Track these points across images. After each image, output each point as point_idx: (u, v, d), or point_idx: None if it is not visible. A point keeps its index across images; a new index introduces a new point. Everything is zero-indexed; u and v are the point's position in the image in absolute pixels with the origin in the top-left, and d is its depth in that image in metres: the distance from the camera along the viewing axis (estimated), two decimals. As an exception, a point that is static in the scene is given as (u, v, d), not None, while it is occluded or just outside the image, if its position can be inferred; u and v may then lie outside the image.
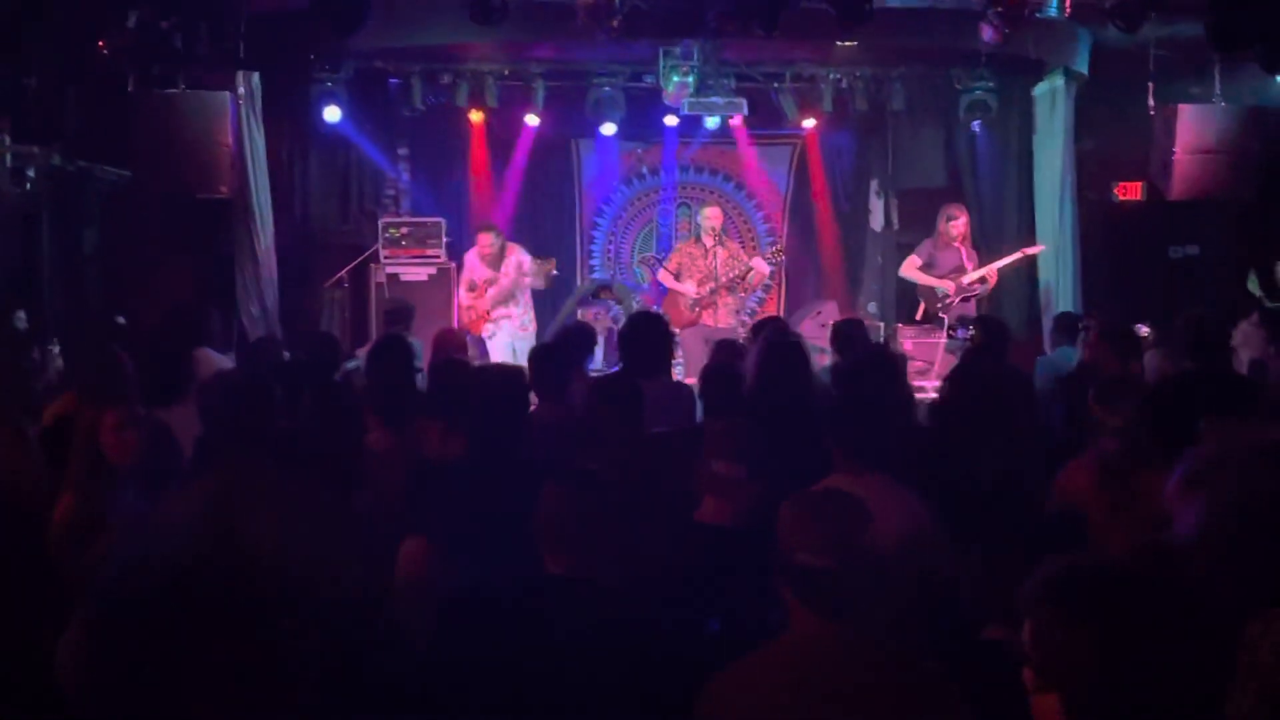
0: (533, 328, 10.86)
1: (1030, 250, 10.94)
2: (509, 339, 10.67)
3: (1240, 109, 10.46)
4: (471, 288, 10.84)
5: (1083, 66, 10.77)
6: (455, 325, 10.58)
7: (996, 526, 3.91)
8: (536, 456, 4.72)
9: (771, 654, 2.99)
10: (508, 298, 10.72)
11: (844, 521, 3.07)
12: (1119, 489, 4.05)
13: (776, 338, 6.25)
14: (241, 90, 9.90)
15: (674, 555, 3.91)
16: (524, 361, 7.02)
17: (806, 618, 2.97)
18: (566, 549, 3.37)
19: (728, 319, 10.86)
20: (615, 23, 8.53)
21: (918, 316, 11.16)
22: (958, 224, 10.69)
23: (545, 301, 12.40)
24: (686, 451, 4.55)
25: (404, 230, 11.92)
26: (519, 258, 10.77)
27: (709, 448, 4.09)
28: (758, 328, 7.64)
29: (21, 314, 8.60)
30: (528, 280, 10.89)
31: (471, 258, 10.89)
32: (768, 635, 3.06)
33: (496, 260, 10.70)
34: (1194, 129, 10.25)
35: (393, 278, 11.76)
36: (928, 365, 10.13)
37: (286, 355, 9.12)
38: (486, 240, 10.74)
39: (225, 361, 7.15)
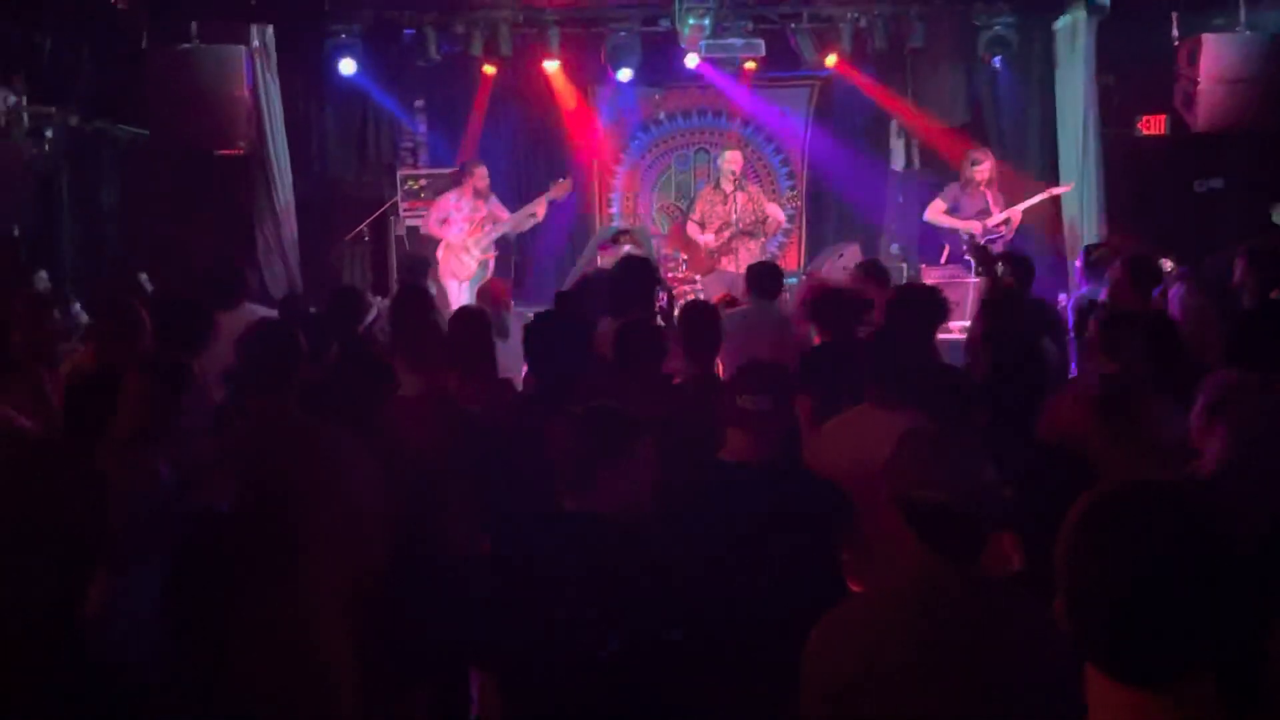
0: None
1: (1056, 190, 10.89)
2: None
3: (1266, 37, 10.30)
4: (445, 224, 10.59)
5: (1104, -2, 10.64)
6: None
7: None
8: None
9: (889, 596, 2.92)
10: (511, 231, 10.65)
11: (970, 459, 3.01)
12: (1121, 419, 4.01)
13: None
14: (255, 43, 9.85)
15: (698, 493, 3.91)
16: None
17: (928, 557, 2.89)
18: (579, 485, 3.36)
19: (747, 264, 10.82)
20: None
21: (943, 259, 11.11)
22: (982, 169, 10.62)
23: (565, 247, 12.38)
24: (705, 396, 4.58)
25: (422, 182, 11.90)
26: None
27: (735, 385, 4.08)
28: (751, 271, 7.62)
29: (43, 274, 8.60)
30: (537, 217, 10.72)
31: (459, 196, 10.64)
32: (803, 578, 3.02)
33: (488, 193, 10.61)
34: (1218, 59, 10.11)
35: (412, 230, 11.75)
36: (955, 305, 10.06)
37: (312, 310, 9.18)
38: (484, 171, 10.61)
39: (270, 315, 7.16)
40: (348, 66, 11.01)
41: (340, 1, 10.57)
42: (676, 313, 7.41)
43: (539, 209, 10.57)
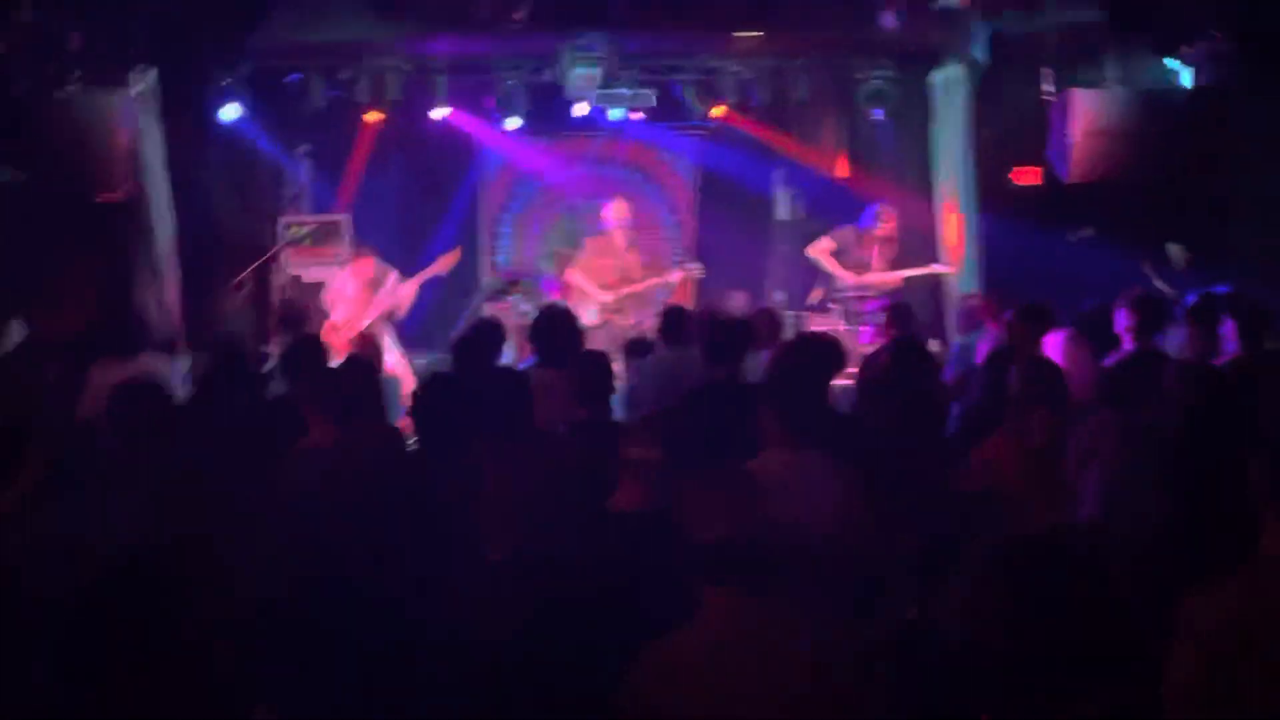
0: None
1: (937, 268, 11.18)
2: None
3: (1134, 93, 10.66)
4: (333, 305, 10.35)
5: (980, 54, 10.94)
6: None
7: (919, 506, 3.97)
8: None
9: (690, 635, 2.99)
10: (388, 318, 10.32)
11: (738, 494, 3.08)
12: (1040, 465, 4.14)
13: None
14: (137, 89, 9.68)
15: (586, 544, 3.91)
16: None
17: (718, 596, 2.96)
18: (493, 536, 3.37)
19: (634, 316, 10.90)
20: (519, 16, 8.48)
21: (812, 299, 11.31)
22: (883, 227, 10.87)
23: (451, 299, 12.32)
24: (600, 443, 4.59)
25: (306, 229, 11.76)
26: (402, 287, 10.36)
27: (627, 436, 4.11)
28: (662, 318, 7.65)
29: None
30: (402, 310, 10.44)
31: (345, 280, 10.44)
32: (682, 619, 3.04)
33: (374, 283, 10.30)
34: (1089, 113, 10.43)
35: (295, 278, 11.61)
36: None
37: (192, 359, 9.02)
38: (367, 264, 10.33)
39: (167, 363, 7.05)
40: (231, 112, 10.87)
41: (225, 47, 10.41)
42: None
43: (406, 290, 10.32)
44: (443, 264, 10.57)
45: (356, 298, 10.29)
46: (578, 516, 3.99)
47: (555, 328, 6.52)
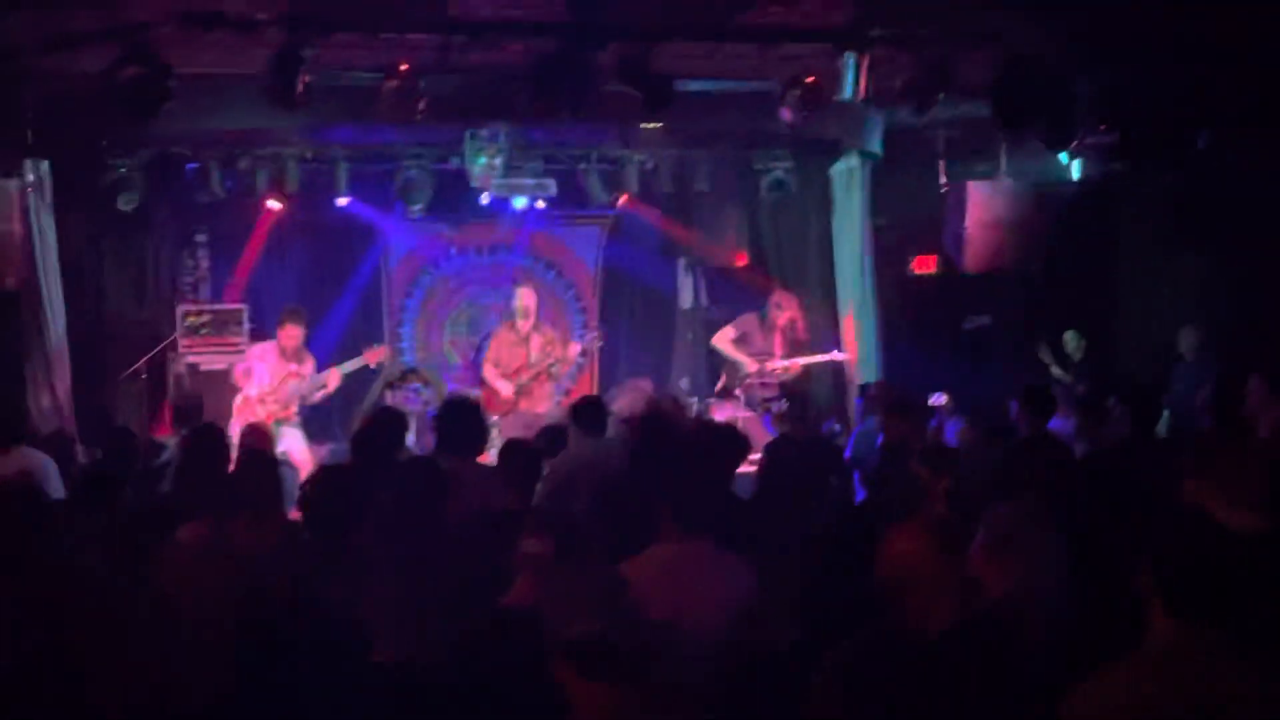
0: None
1: (837, 355, 11.33)
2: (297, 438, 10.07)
3: (1026, 185, 10.96)
4: (248, 375, 10.05)
5: (876, 146, 11.15)
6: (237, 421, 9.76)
7: (815, 593, 3.96)
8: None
9: None
10: (306, 395, 10.10)
11: (604, 587, 3.08)
12: (949, 554, 4.14)
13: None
14: (30, 178, 9.53)
15: (479, 641, 3.84)
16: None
17: (590, 690, 2.92)
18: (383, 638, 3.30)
19: (545, 403, 10.93)
20: (421, 105, 8.49)
21: (716, 388, 11.43)
22: (783, 314, 11.04)
23: (351, 387, 12.17)
24: (501, 534, 4.53)
25: (204, 318, 11.60)
26: (328, 376, 10.14)
27: (525, 529, 4.07)
28: (576, 408, 7.60)
29: None
30: (327, 389, 10.19)
31: (265, 350, 10.21)
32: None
33: (298, 354, 10.12)
34: (983, 205, 10.70)
35: (192, 367, 11.42)
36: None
37: (81, 451, 8.80)
38: (295, 332, 10.10)
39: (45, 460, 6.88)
40: (128, 201, 10.71)
41: (121, 136, 10.32)
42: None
43: (331, 380, 10.12)
44: (370, 357, 10.42)
45: (276, 367, 10.05)
46: (469, 615, 3.92)
47: (461, 417, 6.46)
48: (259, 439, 7.54)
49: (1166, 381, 10.15)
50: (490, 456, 8.89)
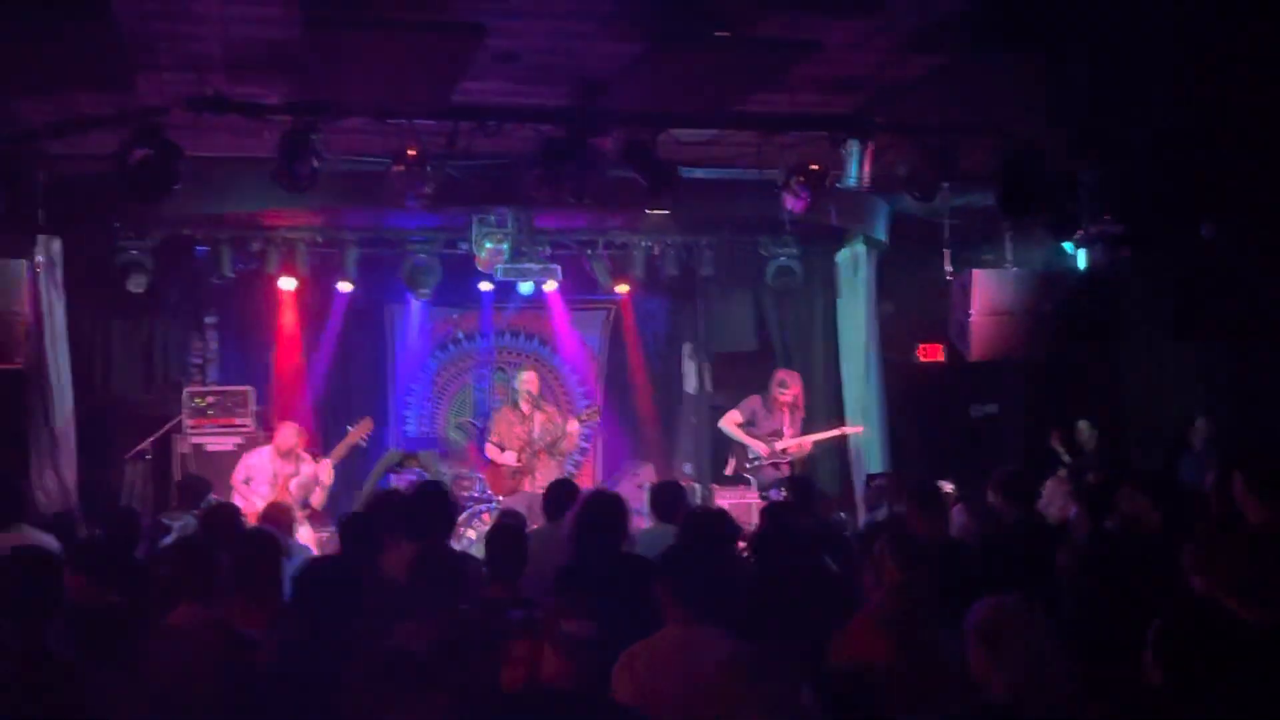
0: None
1: (848, 430, 11.32)
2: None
3: (1031, 273, 10.98)
4: (249, 483, 9.98)
5: (882, 234, 11.23)
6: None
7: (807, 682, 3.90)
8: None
9: None
10: (303, 497, 9.92)
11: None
12: (910, 647, 4.10)
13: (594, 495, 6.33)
14: (40, 258, 9.61)
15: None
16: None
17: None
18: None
19: (546, 483, 10.87)
20: (428, 191, 8.55)
21: (727, 471, 11.41)
22: (787, 394, 11.05)
23: (352, 470, 12.15)
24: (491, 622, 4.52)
25: (210, 399, 11.62)
26: (319, 468, 10.04)
27: (560, 607, 4.04)
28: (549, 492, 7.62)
29: None
30: (323, 483, 10.05)
31: (261, 455, 10.11)
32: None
33: (294, 455, 10.02)
34: (988, 293, 10.70)
35: (198, 448, 11.42)
36: (743, 525, 10.26)
37: (84, 531, 8.76)
38: (290, 433, 10.03)
39: (46, 539, 6.85)
40: (138, 283, 10.76)
41: (131, 217, 10.41)
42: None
43: (323, 473, 10.01)
44: (355, 434, 10.43)
45: (275, 471, 9.97)
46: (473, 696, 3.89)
47: (431, 504, 6.47)
48: (276, 521, 7.48)
49: (1173, 471, 10.10)
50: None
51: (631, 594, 4.71)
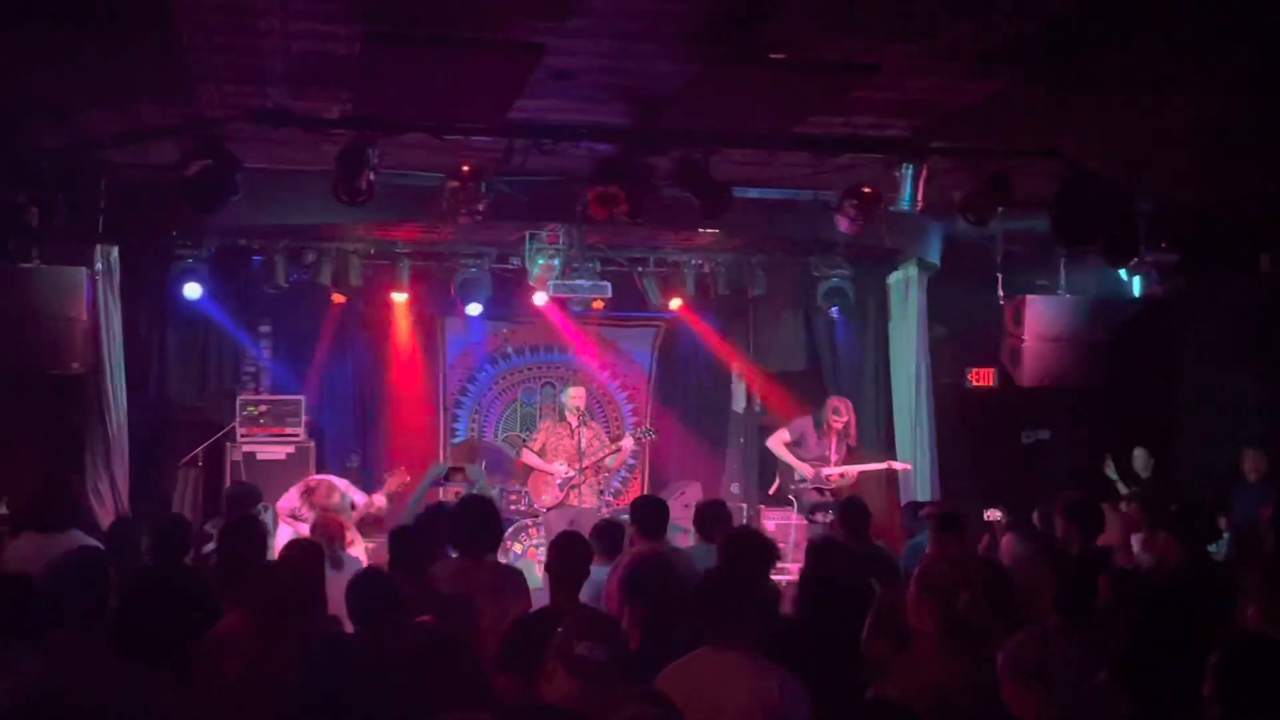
0: None
1: (895, 465, 11.26)
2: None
3: (1085, 299, 10.88)
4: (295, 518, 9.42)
5: (935, 257, 11.17)
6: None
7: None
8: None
9: None
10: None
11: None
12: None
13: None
14: (99, 266, 9.73)
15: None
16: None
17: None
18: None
19: (592, 499, 10.94)
20: (481, 207, 8.60)
21: (771, 491, 11.37)
22: (839, 419, 11.00)
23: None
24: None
25: (262, 408, 11.72)
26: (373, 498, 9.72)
27: (573, 629, 4.02)
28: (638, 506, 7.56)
29: None
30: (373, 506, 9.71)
31: (301, 501, 9.30)
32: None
33: (335, 509, 9.01)
34: (1041, 318, 10.61)
35: (249, 456, 11.51)
36: (787, 546, 10.26)
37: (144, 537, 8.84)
38: (327, 491, 9.04)
39: (92, 543, 6.93)
40: (193, 290, 10.85)
41: (189, 226, 10.52)
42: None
43: (376, 504, 9.64)
44: (391, 484, 10.09)
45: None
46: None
47: (478, 518, 6.46)
48: (327, 531, 7.50)
49: (1227, 502, 9.97)
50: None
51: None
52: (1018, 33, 6.59)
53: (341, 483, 9.37)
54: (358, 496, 9.52)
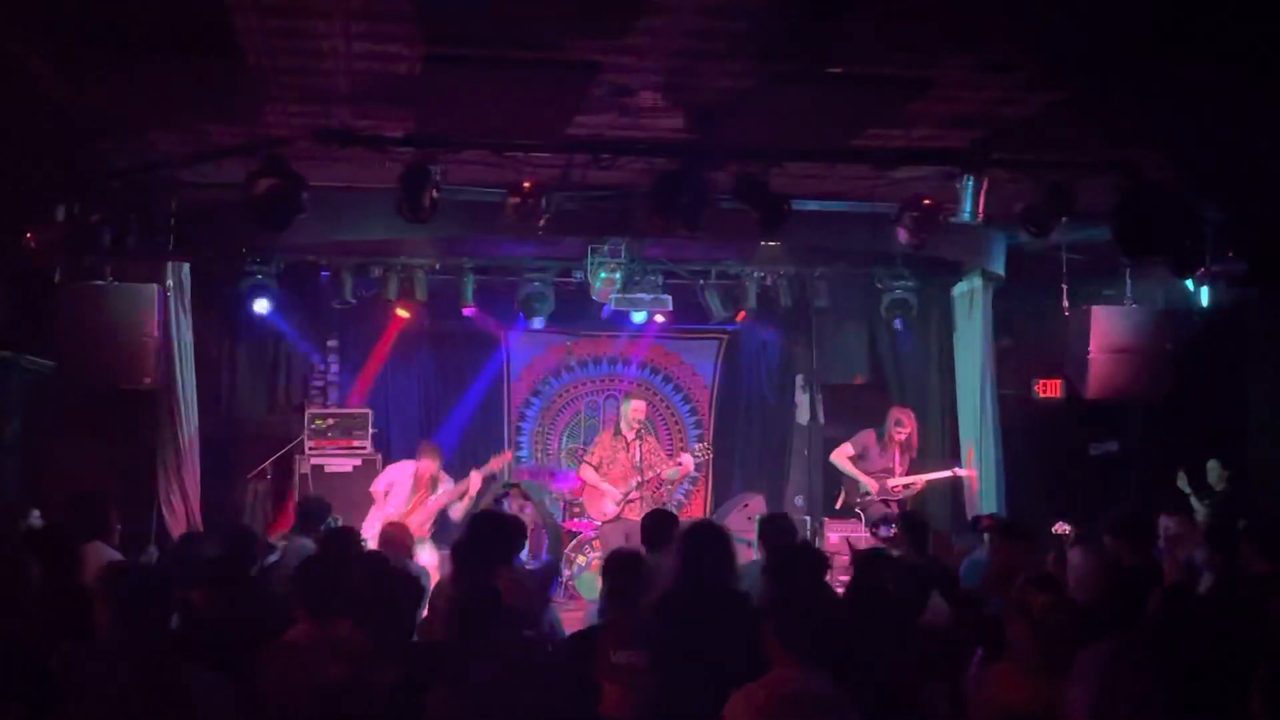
0: None
1: (960, 471, 11.19)
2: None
3: (1151, 310, 10.75)
4: (387, 495, 10.11)
5: (999, 268, 11.09)
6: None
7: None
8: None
9: None
10: (446, 508, 10.03)
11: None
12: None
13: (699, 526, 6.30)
14: (170, 282, 9.93)
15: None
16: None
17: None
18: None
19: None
20: (543, 221, 8.68)
21: (837, 505, 11.35)
22: (902, 430, 10.99)
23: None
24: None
25: (330, 421, 11.89)
26: (469, 482, 10.13)
27: (608, 639, 4.07)
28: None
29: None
30: (470, 492, 10.12)
31: (404, 472, 10.20)
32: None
33: (433, 483, 10.08)
34: (1107, 329, 10.49)
35: (318, 469, 11.68)
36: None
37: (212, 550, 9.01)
38: (432, 465, 10.06)
39: (115, 556, 7.05)
40: (262, 306, 11.06)
41: (258, 242, 10.70)
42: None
43: (473, 485, 10.11)
44: (495, 464, 10.58)
45: (410, 494, 10.08)
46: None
47: (489, 531, 6.54)
48: (395, 542, 7.59)
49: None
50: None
51: (733, 628, 4.69)
52: (1085, 43, 6.54)
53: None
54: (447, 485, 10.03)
